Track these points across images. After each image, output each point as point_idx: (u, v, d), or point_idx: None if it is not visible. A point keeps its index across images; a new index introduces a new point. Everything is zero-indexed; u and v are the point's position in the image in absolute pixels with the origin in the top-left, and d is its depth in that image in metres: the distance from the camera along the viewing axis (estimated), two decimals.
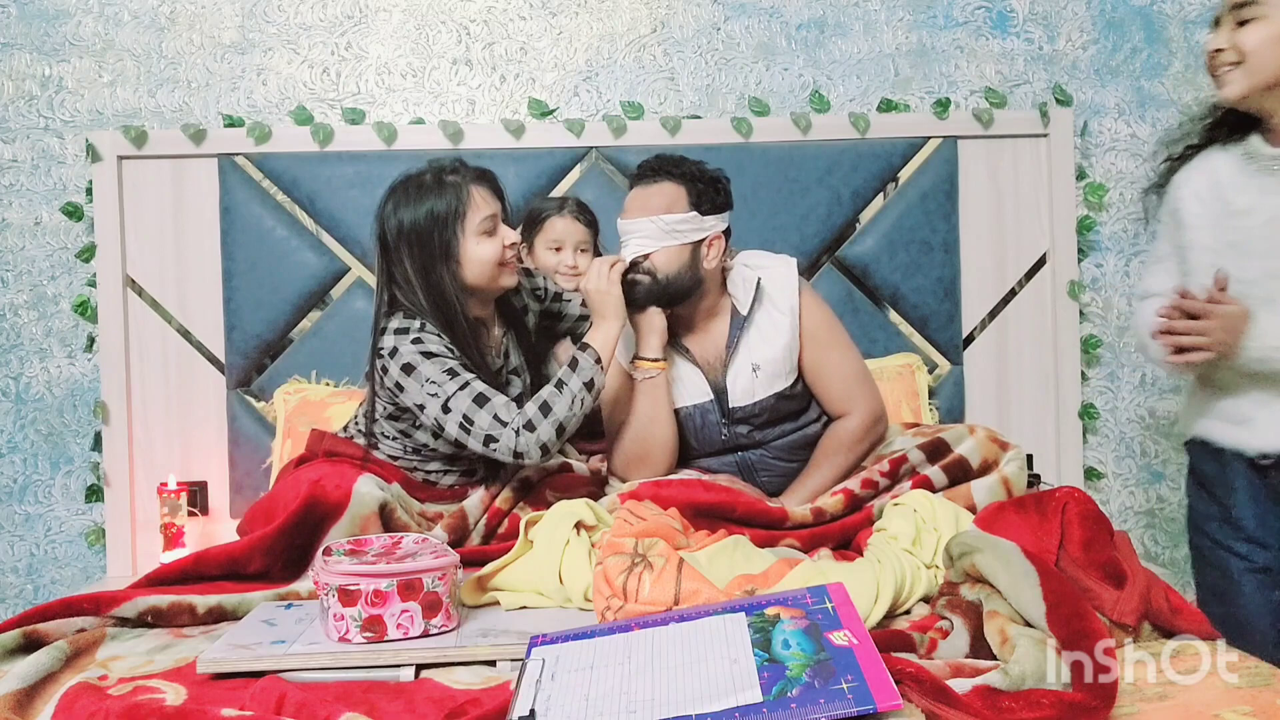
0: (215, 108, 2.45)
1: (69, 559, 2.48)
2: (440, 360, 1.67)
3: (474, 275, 1.74)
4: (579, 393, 1.67)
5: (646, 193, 1.79)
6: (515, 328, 1.91)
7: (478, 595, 1.45)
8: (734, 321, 1.84)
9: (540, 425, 1.63)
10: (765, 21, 2.51)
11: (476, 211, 1.72)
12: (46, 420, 2.46)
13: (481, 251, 1.72)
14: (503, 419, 1.63)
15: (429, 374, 1.66)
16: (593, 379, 1.68)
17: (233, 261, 2.37)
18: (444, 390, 1.65)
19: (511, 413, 1.65)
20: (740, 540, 1.47)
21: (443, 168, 1.76)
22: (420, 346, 1.68)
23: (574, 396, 1.66)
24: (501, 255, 1.75)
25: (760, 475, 1.87)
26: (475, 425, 1.64)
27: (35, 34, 2.43)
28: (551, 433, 1.64)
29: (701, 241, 1.79)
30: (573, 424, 1.67)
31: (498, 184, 1.79)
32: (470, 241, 1.72)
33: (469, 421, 1.64)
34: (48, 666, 1.22)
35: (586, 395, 1.68)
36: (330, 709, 1.06)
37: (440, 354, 1.68)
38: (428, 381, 1.66)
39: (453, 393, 1.65)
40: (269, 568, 1.60)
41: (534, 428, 1.63)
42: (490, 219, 1.73)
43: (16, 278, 2.44)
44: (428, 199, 1.71)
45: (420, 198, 1.72)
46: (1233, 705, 1.02)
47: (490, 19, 2.50)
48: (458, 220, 1.70)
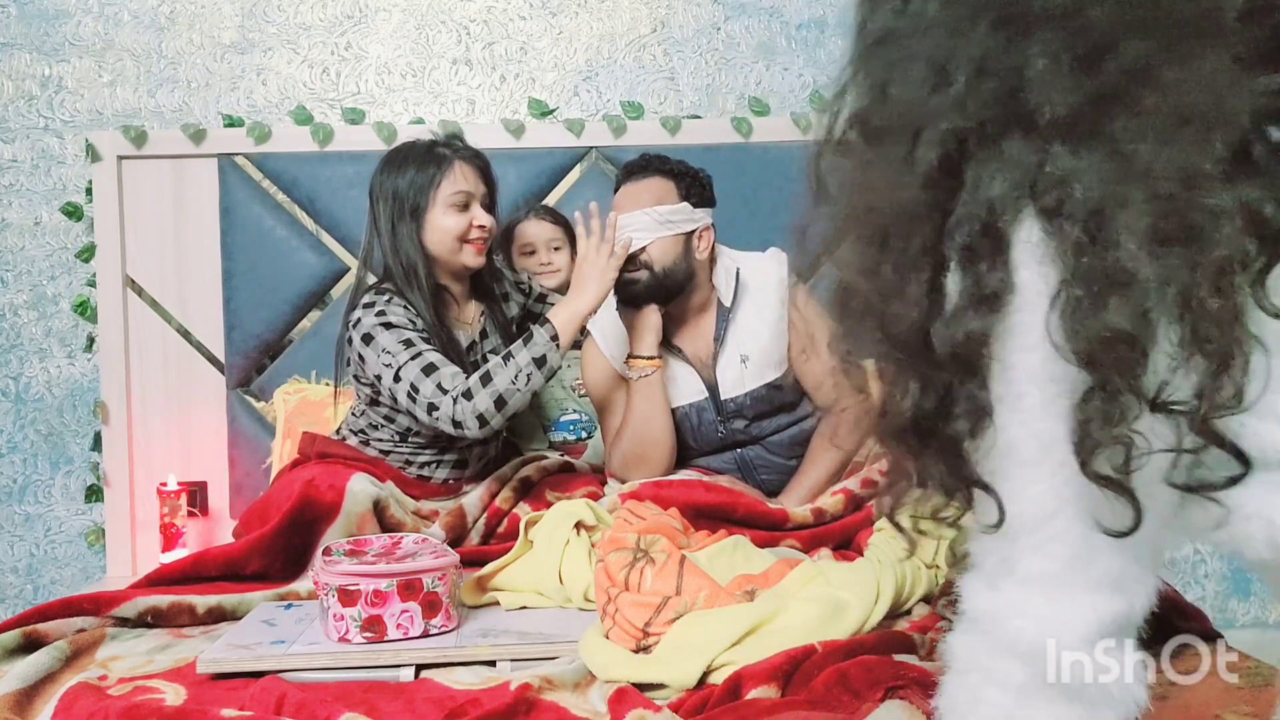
0: (215, 108, 2.45)
1: (69, 559, 2.47)
2: (398, 331, 1.69)
3: (435, 243, 1.77)
4: (526, 367, 1.63)
5: (636, 188, 1.80)
6: (494, 310, 1.92)
7: (478, 595, 1.45)
8: (720, 314, 1.85)
9: (478, 394, 1.62)
10: (765, 21, 2.51)
11: (452, 183, 1.76)
12: (46, 420, 2.46)
13: (446, 222, 1.76)
14: (445, 387, 1.63)
15: (385, 344, 1.67)
16: (545, 355, 1.65)
17: (233, 261, 2.37)
18: (397, 360, 1.66)
19: (456, 382, 1.64)
20: (741, 540, 1.47)
21: (438, 140, 1.82)
22: (381, 318, 1.70)
23: (519, 371, 1.63)
24: (465, 231, 1.77)
25: (759, 473, 1.87)
26: (420, 393, 1.64)
27: (35, 34, 2.43)
28: (489, 403, 1.62)
29: (693, 233, 1.80)
30: (516, 399, 1.64)
31: (489, 170, 1.84)
32: (438, 210, 1.76)
33: (415, 389, 1.65)
34: (48, 666, 1.22)
35: (535, 371, 1.64)
36: (330, 709, 1.06)
37: (400, 325, 1.70)
38: (383, 351, 1.67)
39: (404, 362, 1.66)
40: (267, 568, 1.61)
41: (471, 396, 1.62)
42: (464, 194, 1.77)
43: (16, 278, 2.44)
44: (412, 162, 1.78)
45: (407, 159, 1.79)
46: (1233, 705, 1.02)
47: (490, 19, 2.50)
48: (432, 186, 1.75)
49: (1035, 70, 0.64)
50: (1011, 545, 0.68)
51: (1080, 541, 0.66)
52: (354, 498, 1.63)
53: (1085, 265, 0.62)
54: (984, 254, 0.65)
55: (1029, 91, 0.65)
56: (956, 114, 0.66)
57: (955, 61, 0.67)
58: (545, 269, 2.20)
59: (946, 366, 0.67)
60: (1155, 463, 0.63)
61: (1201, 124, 0.61)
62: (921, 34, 0.68)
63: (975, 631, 0.71)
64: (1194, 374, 0.62)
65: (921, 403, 0.68)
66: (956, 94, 0.66)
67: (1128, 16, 0.64)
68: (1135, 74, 0.63)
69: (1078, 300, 0.62)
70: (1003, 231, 0.65)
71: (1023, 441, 0.66)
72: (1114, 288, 0.61)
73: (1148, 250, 0.61)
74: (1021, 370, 0.66)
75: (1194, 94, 0.62)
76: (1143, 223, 0.61)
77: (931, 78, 0.67)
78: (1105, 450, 0.62)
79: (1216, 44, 0.63)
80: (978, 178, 0.66)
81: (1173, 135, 0.61)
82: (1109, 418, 0.62)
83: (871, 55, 0.72)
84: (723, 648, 1.16)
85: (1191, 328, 0.61)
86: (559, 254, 2.22)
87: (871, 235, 0.70)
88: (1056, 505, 0.66)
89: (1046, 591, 0.67)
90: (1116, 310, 0.61)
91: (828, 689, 1.06)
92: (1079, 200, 0.63)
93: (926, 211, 0.68)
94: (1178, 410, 0.62)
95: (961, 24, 0.67)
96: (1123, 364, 0.61)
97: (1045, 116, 0.64)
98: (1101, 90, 0.63)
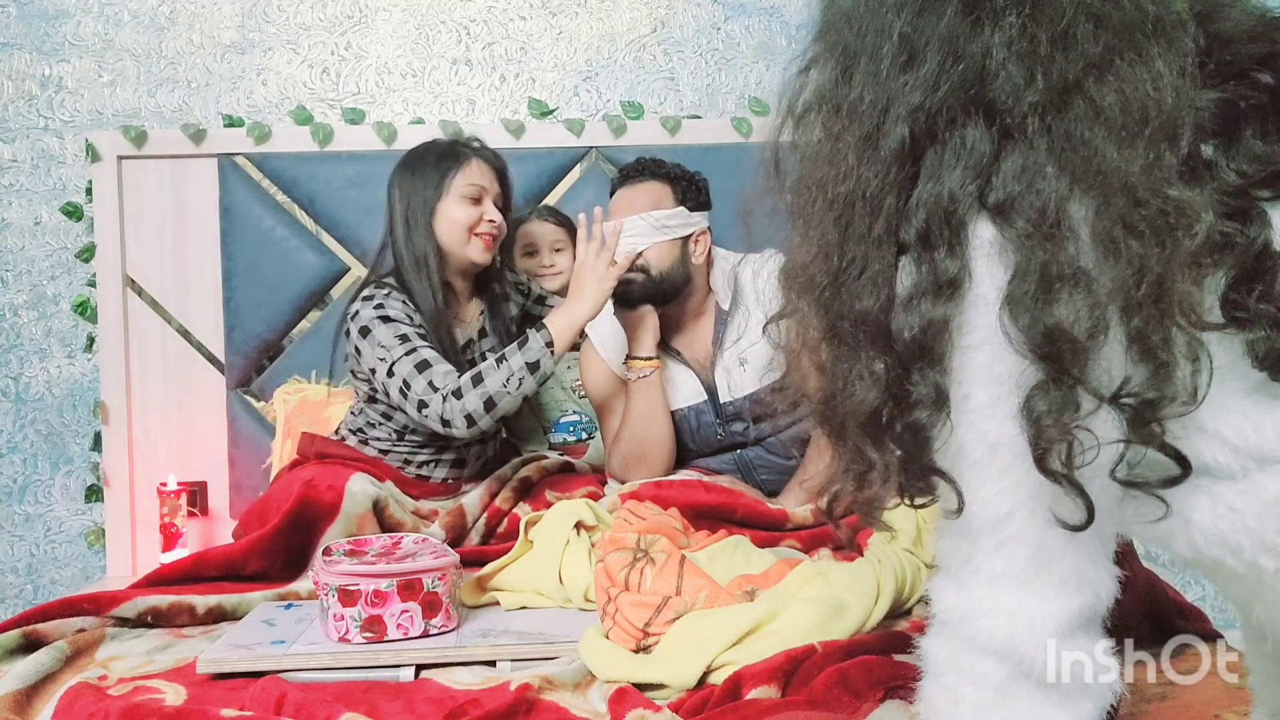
0: (215, 108, 2.45)
1: (69, 559, 2.47)
2: (395, 325, 1.69)
3: (444, 234, 1.79)
4: (518, 371, 1.64)
5: (633, 192, 1.80)
6: (495, 310, 1.92)
7: (478, 595, 1.45)
8: (718, 317, 1.85)
9: (468, 394, 1.62)
10: (765, 21, 2.51)
11: (466, 176, 1.79)
12: (46, 420, 2.46)
13: (457, 213, 1.78)
14: (436, 385, 1.64)
15: (381, 338, 1.68)
16: (538, 361, 1.65)
17: (233, 261, 2.37)
18: (391, 354, 1.67)
19: (448, 380, 1.64)
20: (740, 540, 1.47)
21: (461, 139, 1.86)
22: (379, 311, 1.71)
23: (511, 374, 1.63)
24: (476, 224, 1.79)
25: (759, 473, 1.87)
26: (411, 390, 1.65)
27: (35, 34, 2.43)
28: (479, 404, 1.62)
29: (689, 237, 1.80)
30: (506, 402, 1.64)
31: (506, 173, 1.87)
32: (450, 200, 1.78)
33: (407, 386, 1.65)
34: (48, 666, 1.22)
35: (528, 376, 1.64)
36: (330, 709, 1.06)
37: (397, 319, 1.70)
38: (379, 345, 1.68)
39: (398, 357, 1.66)
40: (267, 569, 1.61)
41: (461, 395, 1.62)
42: (477, 187, 1.79)
43: (16, 278, 2.44)
44: (432, 156, 1.81)
45: (427, 154, 1.82)
46: (1233, 705, 1.02)
47: (490, 19, 2.50)
48: (447, 177, 1.78)
49: (997, 59, 0.64)
50: (974, 545, 0.68)
51: (1038, 540, 0.66)
52: (353, 498, 1.63)
53: (1037, 260, 0.62)
54: (941, 241, 0.65)
55: (991, 80, 0.65)
56: (928, 92, 0.66)
57: (925, 41, 0.66)
58: (547, 270, 2.19)
59: (906, 353, 0.66)
60: (1102, 458, 0.64)
61: (1161, 123, 0.62)
62: (892, 12, 0.68)
63: (947, 633, 0.71)
64: (1139, 373, 0.62)
65: (886, 390, 0.68)
66: (929, 73, 0.66)
67: (1091, 8, 0.64)
68: (1095, 67, 0.63)
69: (1027, 294, 0.62)
70: (962, 220, 0.65)
71: (971, 443, 0.67)
72: (1064, 282, 0.61)
73: (1101, 247, 0.61)
74: (967, 370, 0.66)
75: (1152, 92, 0.62)
76: (1098, 219, 0.62)
77: (903, 55, 0.67)
78: (1058, 446, 0.62)
79: (1172, 46, 0.63)
80: (938, 162, 0.66)
81: (1134, 133, 0.62)
82: (1062, 413, 0.62)
83: (839, 33, 0.72)
84: (723, 648, 1.16)
85: (1138, 327, 0.61)
86: (561, 256, 2.20)
87: (833, 216, 0.70)
88: (1010, 506, 0.66)
89: (1012, 589, 0.67)
90: (1067, 305, 0.61)
91: (828, 689, 1.06)
92: (1033, 194, 0.63)
93: (892, 191, 0.67)
94: (1128, 406, 0.63)
95: (930, 4, 0.67)
96: (1075, 358, 0.61)
97: (1006, 106, 0.64)
98: (1062, 82, 0.63)
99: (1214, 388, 0.63)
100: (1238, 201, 0.63)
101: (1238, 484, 0.65)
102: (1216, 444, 0.65)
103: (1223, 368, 0.63)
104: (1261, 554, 0.64)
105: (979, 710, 0.69)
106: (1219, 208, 0.62)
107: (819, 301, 0.71)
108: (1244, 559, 0.65)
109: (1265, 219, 0.63)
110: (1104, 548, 0.69)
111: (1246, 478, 0.64)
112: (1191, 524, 0.66)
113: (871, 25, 0.69)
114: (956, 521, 0.69)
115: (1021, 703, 0.68)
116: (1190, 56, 0.64)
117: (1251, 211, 0.63)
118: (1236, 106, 0.64)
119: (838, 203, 0.69)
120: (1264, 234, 0.63)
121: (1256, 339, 0.62)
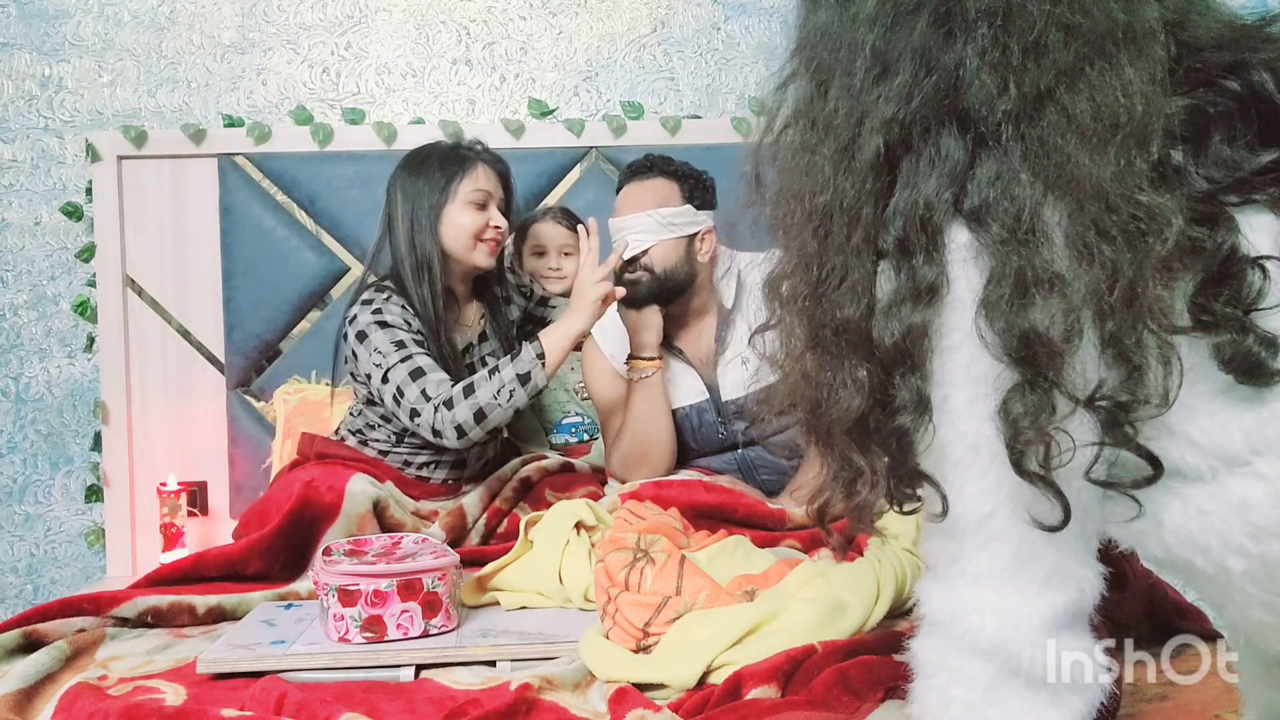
0: (215, 108, 2.45)
1: (69, 559, 2.47)
2: (392, 331, 1.69)
3: (450, 239, 1.77)
4: (510, 383, 1.62)
5: (639, 189, 1.80)
6: (495, 315, 1.92)
7: (478, 595, 1.45)
8: (721, 316, 1.84)
9: (459, 405, 1.61)
10: (765, 21, 2.51)
11: (473, 181, 1.77)
12: (46, 420, 2.46)
13: (463, 219, 1.77)
14: (429, 394, 1.63)
15: (377, 343, 1.68)
16: (530, 373, 1.63)
17: (233, 261, 2.37)
18: (387, 360, 1.66)
19: (440, 389, 1.64)
20: (740, 540, 1.47)
21: (462, 143, 1.84)
22: (377, 316, 1.70)
23: (503, 385, 1.62)
24: (481, 230, 1.78)
25: (760, 473, 1.87)
26: (405, 397, 1.64)
27: (35, 34, 2.43)
28: (469, 415, 1.61)
29: (695, 236, 1.80)
30: (497, 414, 1.63)
31: (509, 176, 1.86)
32: (456, 205, 1.76)
33: (400, 393, 1.65)
34: (48, 666, 1.23)
35: (519, 388, 1.63)
36: (330, 709, 1.06)
37: (395, 325, 1.70)
38: (375, 351, 1.67)
39: (394, 363, 1.66)
40: (267, 569, 1.61)
41: (452, 406, 1.62)
42: (483, 193, 1.78)
43: (16, 278, 2.44)
44: (436, 159, 1.79)
45: (430, 157, 1.80)
46: (1233, 705, 1.02)
47: (490, 19, 2.50)
48: (454, 182, 1.76)
49: (970, 70, 0.65)
50: (959, 545, 0.69)
51: (1021, 539, 0.67)
52: (354, 498, 1.63)
53: (1013, 265, 0.63)
54: (919, 247, 0.66)
55: (964, 90, 0.66)
56: (901, 104, 0.67)
57: (898, 54, 0.68)
58: (553, 274, 2.18)
59: (888, 359, 0.67)
60: (1078, 459, 0.65)
61: (1132, 129, 0.63)
62: (865, 27, 0.69)
63: (936, 634, 0.72)
64: (1113, 376, 0.63)
65: (870, 396, 0.68)
66: (902, 85, 0.67)
67: (1062, 18, 0.65)
68: (1066, 75, 0.64)
69: (1003, 299, 0.63)
70: (938, 226, 0.66)
71: (952, 444, 0.68)
72: (1039, 287, 0.62)
73: (1075, 251, 0.62)
74: (945, 372, 0.67)
75: (1122, 100, 0.63)
76: (1071, 224, 0.62)
77: (875, 68, 0.68)
78: (1034, 448, 0.63)
79: (1143, 54, 0.64)
80: (913, 171, 0.67)
81: (1105, 139, 0.63)
82: (1038, 415, 0.63)
83: (814, 49, 0.73)
84: (723, 648, 1.16)
85: (1111, 331, 0.62)
86: (569, 260, 2.17)
87: (812, 227, 0.71)
88: (992, 506, 0.67)
89: (998, 587, 0.68)
90: (1042, 309, 0.62)
91: (828, 689, 1.06)
92: (1008, 199, 0.64)
93: (869, 201, 0.68)
94: (1102, 409, 0.63)
95: (902, 18, 0.68)
96: (1050, 362, 0.62)
97: (979, 114, 0.65)
98: (1035, 90, 0.64)
99: (1182, 390, 0.63)
100: (1206, 206, 0.64)
101: (1207, 486, 0.65)
102: (1185, 445, 0.65)
103: (1190, 370, 0.64)
104: (1229, 555, 0.65)
105: (970, 710, 0.70)
106: (1188, 213, 0.63)
107: (801, 311, 0.73)
108: (1213, 560, 0.66)
109: (1233, 224, 0.64)
110: (1086, 546, 0.70)
111: (1215, 480, 0.65)
112: (1163, 525, 0.67)
113: (845, 40, 0.70)
114: (942, 523, 0.69)
115: (1011, 701, 0.68)
116: (1161, 64, 0.65)
117: (1220, 216, 0.64)
118: (1205, 113, 0.65)
119: (816, 214, 0.70)
120: (1232, 239, 0.63)
121: (1223, 342, 0.63)
